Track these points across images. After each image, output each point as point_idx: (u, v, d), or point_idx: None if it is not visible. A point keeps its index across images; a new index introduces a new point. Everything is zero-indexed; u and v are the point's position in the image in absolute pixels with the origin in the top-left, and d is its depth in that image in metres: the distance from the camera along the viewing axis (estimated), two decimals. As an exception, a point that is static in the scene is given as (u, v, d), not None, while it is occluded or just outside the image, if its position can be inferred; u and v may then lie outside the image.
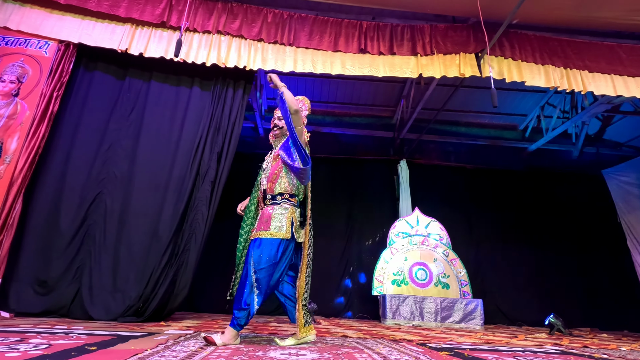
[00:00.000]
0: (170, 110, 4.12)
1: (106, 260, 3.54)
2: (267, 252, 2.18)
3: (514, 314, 6.46)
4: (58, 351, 1.55)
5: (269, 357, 1.64)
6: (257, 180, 2.50)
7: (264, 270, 2.14)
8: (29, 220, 3.54)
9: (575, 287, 6.80)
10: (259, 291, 2.12)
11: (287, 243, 2.26)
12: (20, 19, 3.93)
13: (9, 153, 3.49)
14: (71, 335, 2.07)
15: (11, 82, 3.72)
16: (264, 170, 2.47)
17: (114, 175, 3.83)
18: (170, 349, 1.76)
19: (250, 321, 2.38)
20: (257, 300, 2.11)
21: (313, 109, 7.61)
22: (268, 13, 4.22)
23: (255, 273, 2.13)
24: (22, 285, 3.37)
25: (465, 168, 7.64)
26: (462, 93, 6.83)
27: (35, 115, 3.65)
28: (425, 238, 5.68)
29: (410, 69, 4.19)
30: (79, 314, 3.34)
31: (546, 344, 2.90)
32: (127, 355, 1.51)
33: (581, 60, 4.27)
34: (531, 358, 2.00)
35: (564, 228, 7.18)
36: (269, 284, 2.16)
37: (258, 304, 2.11)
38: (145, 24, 4.05)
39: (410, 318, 4.81)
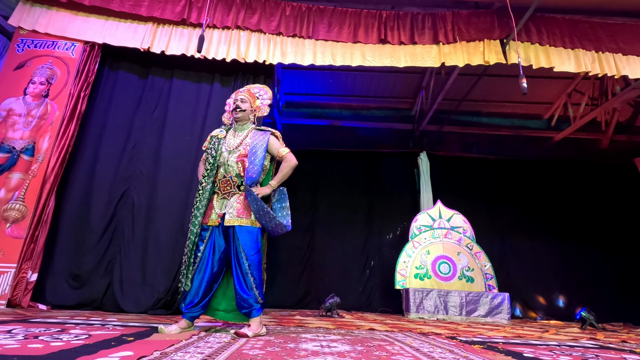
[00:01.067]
0: (192, 107, 4.17)
1: (135, 254, 3.64)
2: (255, 239, 2.23)
3: (541, 308, 6.29)
4: (98, 341, 1.60)
5: (301, 349, 1.64)
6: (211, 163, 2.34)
7: (256, 255, 2.21)
8: (62, 217, 3.67)
9: (606, 281, 6.55)
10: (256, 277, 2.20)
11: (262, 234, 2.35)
12: (47, 22, 4.05)
13: (41, 152, 3.62)
14: (107, 327, 2.14)
15: (41, 83, 3.85)
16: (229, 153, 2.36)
17: (139, 172, 3.92)
18: (204, 340, 1.79)
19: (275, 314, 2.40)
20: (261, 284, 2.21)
21: (330, 102, 7.59)
22: (286, 6, 4.20)
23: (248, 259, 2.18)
24: (57, 279, 3.51)
25: (487, 159, 7.45)
26: (483, 82, 6.63)
27: (65, 115, 3.77)
28: (448, 231, 5.58)
29: (432, 58, 4.09)
30: (110, 306, 3.45)
31: (581, 338, 2.80)
32: (165, 345, 1.54)
33: (614, 43, 4.07)
34: (569, 352, 1.94)
35: (592, 219, 6.92)
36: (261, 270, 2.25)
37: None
38: (166, 22, 4.10)
39: (434, 312, 4.75)
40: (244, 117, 2.47)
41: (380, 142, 7.72)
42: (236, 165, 2.32)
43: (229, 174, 2.32)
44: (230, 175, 2.31)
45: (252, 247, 2.21)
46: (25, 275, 3.26)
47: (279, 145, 2.46)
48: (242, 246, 2.18)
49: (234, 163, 2.32)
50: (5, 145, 3.60)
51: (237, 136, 2.43)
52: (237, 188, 2.31)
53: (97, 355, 1.27)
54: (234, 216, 2.23)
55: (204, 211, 2.29)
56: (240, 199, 2.28)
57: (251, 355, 1.44)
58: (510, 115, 7.70)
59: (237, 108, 2.44)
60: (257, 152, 2.34)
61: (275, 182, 2.36)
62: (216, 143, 2.40)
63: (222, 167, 2.34)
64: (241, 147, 2.36)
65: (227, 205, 2.28)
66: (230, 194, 2.30)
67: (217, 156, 2.35)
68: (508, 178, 7.24)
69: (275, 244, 6.56)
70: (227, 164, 2.33)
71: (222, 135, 2.45)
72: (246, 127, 2.49)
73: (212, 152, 2.36)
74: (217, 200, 2.32)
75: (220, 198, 2.32)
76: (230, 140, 2.42)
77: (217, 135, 2.46)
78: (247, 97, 2.51)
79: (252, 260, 2.19)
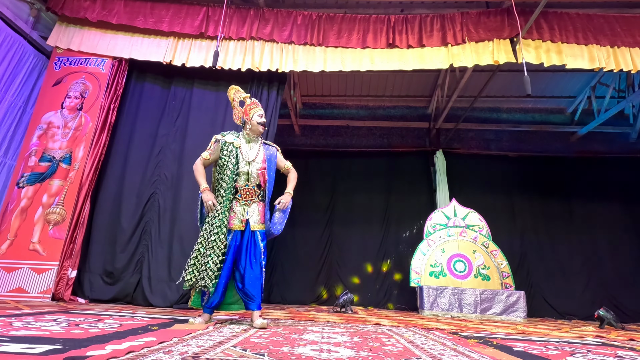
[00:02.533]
0: (211, 114, 4.44)
1: (161, 253, 3.95)
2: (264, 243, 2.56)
3: (563, 307, 6.16)
4: (128, 329, 1.84)
5: (303, 339, 1.82)
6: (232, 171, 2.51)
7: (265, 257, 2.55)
8: (96, 219, 4.04)
9: (636, 280, 6.33)
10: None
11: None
12: (80, 40, 4.43)
13: (77, 160, 3.99)
14: (136, 318, 2.41)
15: (76, 97, 4.22)
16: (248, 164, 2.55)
17: (165, 177, 4.23)
18: (219, 330, 2.00)
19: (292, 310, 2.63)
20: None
21: (346, 103, 7.72)
22: (297, 15, 4.38)
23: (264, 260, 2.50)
24: (93, 275, 3.87)
25: (507, 156, 7.34)
26: (502, 78, 6.56)
27: (97, 126, 4.13)
28: (463, 229, 5.59)
29: (441, 60, 4.15)
30: (140, 301, 3.77)
31: (588, 336, 2.83)
32: (184, 334, 1.76)
33: (631, 37, 3.98)
34: (562, 348, 2.01)
35: (619, 215, 6.69)
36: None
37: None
38: (185, 36, 4.39)
39: (448, 309, 4.81)
40: (262, 131, 2.70)
41: (396, 141, 7.77)
42: (257, 177, 2.56)
43: (251, 184, 2.55)
44: (252, 185, 2.55)
45: (265, 250, 2.53)
46: (66, 272, 3.63)
47: (284, 160, 2.76)
48: (263, 249, 2.49)
49: (255, 175, 2.56)
50: (47, 155, 3.99)
51: (252, 148, 2.64)
52: (257, 197, 2.56)
53: (126, 340, 1.50)
54: (257, 222, 2.51)
55: (228, 215, 2.47)
56: (260, 206, 2.56)
57: (257, 343, 1.63)
58: (531, 110, 7.56)
59: (264, 124, 2.69)
60: (272, 166, 2.65)
61: (291, 190, 2.65)
62: (234, 151, 2.58)
63: (243, 176, 2.55)
64: (259, 160, 2.61)
65: (249, 212, 2.51)
66: (251, 201, 2.54)
67: (237, 165, 2.55)
68: (529, 175, 7.11)
69: (294, 242, 6.79)
70: (250, 175, 2.55)
71: (238, 145, 2.63)
72: (257, 139, 2.70)
73: (231, 160, 2.54)
74: (238, 206, 2.52)
75: (242, 205, 2.52)
76: (246, 151, 2.61)
77: (232, 143, 2.62)
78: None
79: (264, 261, 2.50)
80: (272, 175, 2.64)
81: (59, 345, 1.30)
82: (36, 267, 3.60)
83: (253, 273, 2.44)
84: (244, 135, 2.69)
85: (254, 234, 2.50)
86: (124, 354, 1.22)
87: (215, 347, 1.44)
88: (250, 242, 2.50)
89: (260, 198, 2.58)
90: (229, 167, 2.53)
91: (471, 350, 1.71)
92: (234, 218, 2.49)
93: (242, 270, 2.45)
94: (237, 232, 2.49)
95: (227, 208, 2.47)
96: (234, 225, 2.48)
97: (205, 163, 2.65)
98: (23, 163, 3.97)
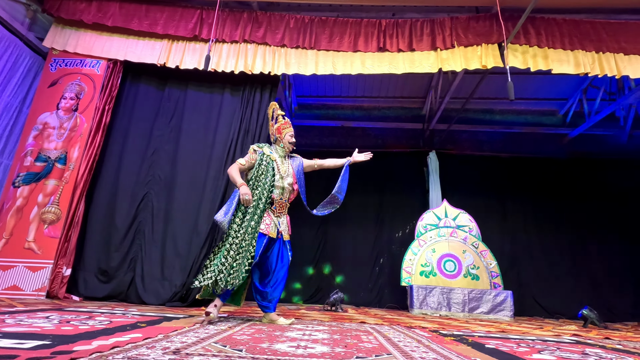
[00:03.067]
0: (205, 116, 4.51)
1: (155, 252, 4.03)
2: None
3: (552, 307, 6.27)
4: (116, 326, 1.92)
5: (284, 336, 1.90)
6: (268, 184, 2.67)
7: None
8: (91, 218, 4.11)
9: (627, 280, 6.44)
10: None
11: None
12: (76, 42, 4.49)
13: (72, 161, 4.06)
14: (127, 315, 2.49)
15: (71, 98, 4.29)
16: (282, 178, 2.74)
17: (158, 177, 4.30)
18: (204, 327, 2.09)
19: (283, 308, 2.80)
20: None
21: (342, 104, 7.80)
22: (290, 19, 4.45)
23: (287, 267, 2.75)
24: (88, 273, 3.95)
25: (499, 157, 7.43)
26: (495, 80, 6.63)
27: (92, 127, 4.19)
28: (454, 230, 5.69)
29: (430, 64, 4.23)
30: (134, 299, 3.85)
31: (566, 334, 2.92)
32: (170, 331, 1.84)
33: (616, 43, 4.06)
34: (534, 345, 2.10)
35: (609, 217, 6.79)
36: None
37: None
38: (180, 39, 4.45)
39: (437, 308, 4.90)
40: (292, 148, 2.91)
41: (391, 142, 7.86)
42: (289, 192, 2.78)
43: (285, 197, 2.75)
44: (285, 198, 2.76)
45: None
46: (61, 270, 3.71)
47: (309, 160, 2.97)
48: (287, 257, 2.73)
49: (288, 189, 2.77)
50: (42, 155, 4.06)
51: (284, 162, 2.84)
52: (286, 210, 2.79)
53: (113, 336, 1.58)
54: (286, 232, 2.76)
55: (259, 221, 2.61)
56: (287, 219, 2.81)
57: (238, 339, 1.72)
58: (523, 112, 7.65)
59: (294, 143, 2.88)
60: (301, 177, 2.87)
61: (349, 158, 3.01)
62: (271, 164, 2.76)
63: (278, 189, 2.72)
64: (291, 174, 2.81)
65: (280, 222, 2.72)
66: (282, 214, 2.75)
67: (274, 177, 2.72)
68: (521, 176, 7.20)
69: (288, 242, 6.87)
70: (284, 189, 2.75)
71: (274, 158, 2.80)
72: (287, 155, 2.92)
73: (270, 172, 2.71)
74: (273, 216, 2.71)
75: (275, 216, 2.72)
76: (280, 165, 2.79)
77: (269, 156, 2.80)
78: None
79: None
80: (302, 184, 2.87)
81: (48, 341, 1.38)
82: (31, 265, 3.68)
83: (281, 279, 2.69)
84: (277, 150, 2.87)
85: (286, 243, 2.73)
86: (108, 348, 1.30)
87: (197, 343, 1.52)
88: (283, 250, 2.72)
89: (287, 211, 2.81)
90: (267, 179, 2.69)
91: (443, 347, 1.80)
92: (270, 226, 2.65)
93: (270, 274, 2.65)
94: (267, 238, 2.63)
95: (260, 216, 2.61)
96: (269, 232, 2.64)
97: (240, 169, 2.77)
98: (19, 163, 4.04)
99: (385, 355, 1.51)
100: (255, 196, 2.63)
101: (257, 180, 2.68)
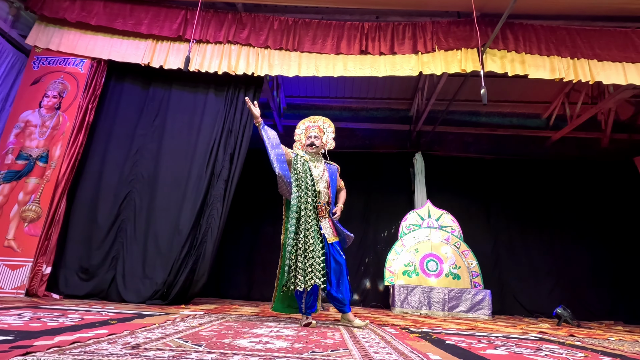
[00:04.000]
0: (188, 116, 4.55)
1: (136, 250, 4.05)
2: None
3: (532, 306, 6.40)
4: (86, 323, 1.96)
5: (251, 332, 1.96)
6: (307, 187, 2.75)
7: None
8: (73, 217, 4.12)
9: (604, 280, 6.60)
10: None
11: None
12: (59, 40, 4.49)
13: (54, 159, 4.06)
14: (102, 313, 2.52)
15: (54, 97, 4.29)
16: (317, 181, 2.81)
17: (141, 176, 4.32)
18: (175, 324, 2.13)
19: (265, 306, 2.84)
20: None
21: (330, 104, 7.87)
22: (274, 20, 4.49)
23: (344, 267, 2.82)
24: (69, 272, 3.96)
25: (484, 159, 7.55)
26: (480, 82, 6.73)
27: (75, 126, 4.20)
28: (436, 230, 5.78)
29: (411, 67, 4.31)
30: (115, 297, 3.88)
31: (534, 332, 3.01)
32: (138, 327, 1.89)
33: (590, 49, 4.17)
34: (494, 342, 2.18)
35: (590, 218, 6.94)
36: None
37: None
38: (164, 39, 4.48)
39: (418, 307, 4.99)
40: (317, 151, 2.94)
41: (378, 143, 7.94)
42: (326, 195, 2.84)
43: (323, 201, 2.82)
44: (324, 202, 2.83)
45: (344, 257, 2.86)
46: (41, 268, 3.72)
47: (339, 178, 3.06)
48: (342, 256, 2.80)
49: (324, 193, 2.84)
50: (24, 154, 4.07)
51: (317, 166, 2.90)
52: (327, 213, 2.84)
53: (79, 332, 1.62)
54: (331, 235, 2.80)
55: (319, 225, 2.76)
56: (330, 222, 2.84)
57: (204, 335, 1.77)
58: (509, 114, 7.78)
59: (312, 145, 2.91)
60: (334, 184, 2.95)
61: (342, 205, 3.00)
62: (306, 165, 2.83)
63: (316, 193, 2.78)
64: (324, 179, 2.87)
65: (322, 226, 2.78)
66: (323, 217, 2.81)
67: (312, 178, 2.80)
68: (504, 177, 7.33)
69: (275, 241, 6.93)
70: (320, 192, 2.82)
71: (307, 159, 2.87)
72: (319, 159, 2.96)
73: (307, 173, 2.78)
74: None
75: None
76: (314, 169, 2.86)
77: (302, 157, 2.88)
78: (318, 133, 2.98)
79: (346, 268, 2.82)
80: (334, 192, 2.95)
81: (11, 337, 1.42)
82: (11, 263, 3.68)
83: (343, 280, 2.75)
84: (311, 157, 2.93)
85: (333, 245, 2.78)
86: (68, 343, 1.34)
87: (160, 339, 1.57)
88: (334, 252, 2.77)
89: (328, 214, 2.85)
90: (306, 181, 2.76)
91: (403, 343, 1.87)
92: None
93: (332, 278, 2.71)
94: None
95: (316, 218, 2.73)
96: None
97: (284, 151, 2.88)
98: (0, 161, 4.03)
99: (341, 350, 1.57)
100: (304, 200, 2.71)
101: (299, 184, 2.75)
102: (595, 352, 1.97)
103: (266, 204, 6.99)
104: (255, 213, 6.89)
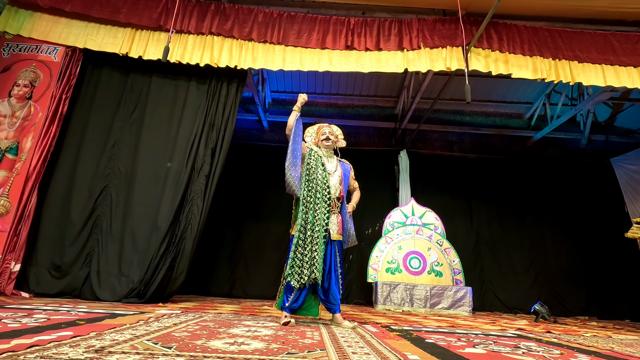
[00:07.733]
0: (168, 109, 4.41)
1: (112, 247, 3.91)
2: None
3: (512, 302, 6.53)
4: (51, 324, 1.86)
5: (227, 333, 1.90)
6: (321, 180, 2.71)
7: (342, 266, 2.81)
8: (44, 212, 3.94)
9: (580, 277, 6.78)
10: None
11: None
12: (31, 26, 4.27)
13: (25, 151, 3.87)
14: (71, 313, 2.41)
15: (25, 86, 4.09)
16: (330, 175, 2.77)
17: (118, 170, 4.17)
18: (148, 324, 2.05)
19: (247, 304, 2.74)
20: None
21: (316, 100, 7.80)
22: (259, 13, 4.39)
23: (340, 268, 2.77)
24: (40, 269, 3.79)
25: (467, 158, 7.63)
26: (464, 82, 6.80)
27: (47, 116, 4.01)
28: (420, 228, 5.82)
29: (397, 64, 4.28)
30: (89, 295, 3.73)
31: (512, 329, 3.05)
32: (107, 328, 1.80)
33: (571, 51, 4.24)
34: (473, 340, 2.18)
35: (568, 217, 7.12)
36: None
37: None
38: (143, 28, 4.31)
39: (400, 304, 5.01)
40: (331, 146, 2.93)
41: (363, 140, 7.93)
42: (337, 190, 2.77)
43: (334, 196, 2.76)
44: (335, 197, 2.76)
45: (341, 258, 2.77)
46: (9, 265, 3.55)
47: (353, 177, 3.04)
48: (340, 257, 2.74)
49: (335, 188, 2.76)
50: (-9, 145, 3.86)
51: (330, 162, 2.86)
52: (337, 209, 2.77)
53: (41, 335, 1.52)
54: (336, 232, 2.72)
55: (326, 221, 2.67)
56: (339, 218, 2.77)
57: (176, 337, 1.69)
58: (492, 114, 7.89)
59: (328, 139, 2.90)
60: (346, 181, 2.93)
61: (354, 205, 2.94)
62: (320, 160, 2.78)
63: (328, 187, 2.72)
64: (338, 174, 2.83)
65: (330, 222, 2.70)
66: (332, 212, 2.73)
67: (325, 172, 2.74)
68: (487, 176, 7.43)
69: (259, 237, 6.86)
70: (331, 186, 2.75)
71: (320, 154, 2.82)
72: (332, 155, 2.92)
73: (320, 167, 2.74)
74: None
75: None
76: (327, 164, 2.82)
77: (316, 152, 2.83)
78: (332, 131, 2.99)
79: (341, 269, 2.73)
80: (346, 188, 2.93)
81: (-38, 340, 1.32)
82: (-24, 260, 3.49)
83: (334, 281, 2.69)
84: (324, 153, 2.88)
85: (334, 243, 2.71)
86: (25, 347, 1.25)
87: (128, 341, 1.49)
88: (333, 251, 2.70)
89: (338, 210, 2.78)
90: (319, 174, 2.70)
91: (382, 342, 1.84)
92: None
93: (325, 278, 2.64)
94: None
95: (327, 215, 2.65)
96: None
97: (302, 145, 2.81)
98: (-35, 152, 3.82)
99: (318, 350, 1.53)
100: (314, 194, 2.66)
101: (310, 179, 2.71)
102: (571, 349, 1.98)
103: (249, 200, 6.91)
104: (238, 209, 6.80)
